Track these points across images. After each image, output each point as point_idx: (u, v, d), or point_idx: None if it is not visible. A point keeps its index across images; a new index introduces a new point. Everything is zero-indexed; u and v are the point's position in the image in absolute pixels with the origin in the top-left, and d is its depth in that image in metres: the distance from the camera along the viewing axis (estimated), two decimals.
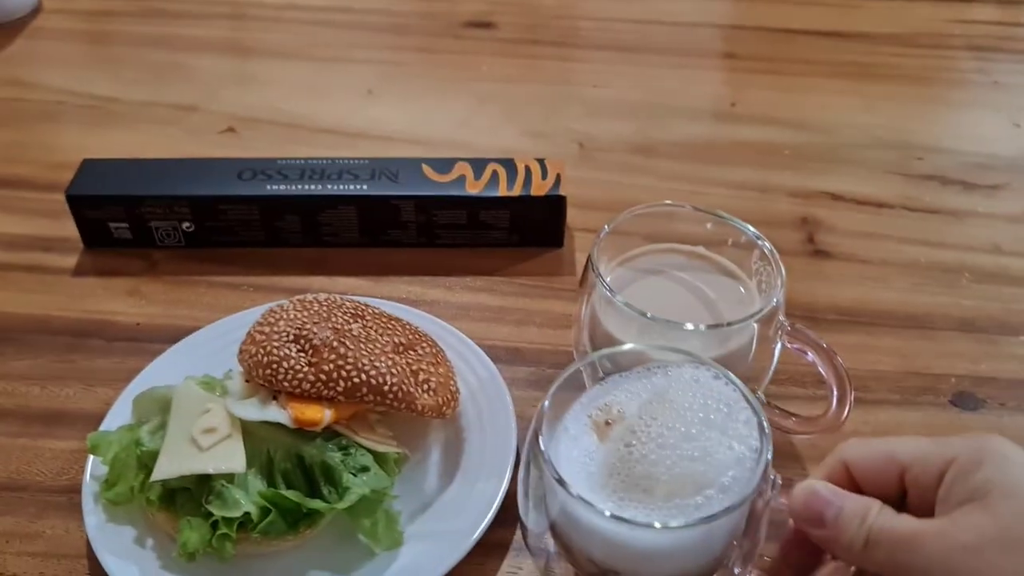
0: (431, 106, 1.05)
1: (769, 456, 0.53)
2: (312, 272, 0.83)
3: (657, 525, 0.50)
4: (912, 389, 0.74)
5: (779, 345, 0.64)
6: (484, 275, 0.83)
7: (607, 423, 0.55)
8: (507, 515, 0.63)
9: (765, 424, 0.54)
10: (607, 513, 0.50)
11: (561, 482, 0.51)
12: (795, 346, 0.64)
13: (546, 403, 0.55)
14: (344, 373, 0.61)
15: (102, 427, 0.66)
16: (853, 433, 0.69)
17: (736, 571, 0.57)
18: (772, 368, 0.65)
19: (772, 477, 0.53)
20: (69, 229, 0.85)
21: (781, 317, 0.63)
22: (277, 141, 0.98)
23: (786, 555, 0.55)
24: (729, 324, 0.62)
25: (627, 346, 0.60)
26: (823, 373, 0.62)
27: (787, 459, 0.68)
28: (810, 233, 0.88)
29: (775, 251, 0.65)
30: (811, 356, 0.63)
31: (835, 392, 0.62)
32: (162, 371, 0.70)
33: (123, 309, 0.79)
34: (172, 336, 0.75)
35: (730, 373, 0.57)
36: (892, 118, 1.04)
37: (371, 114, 1.03)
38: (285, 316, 0.64)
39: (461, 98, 1.06)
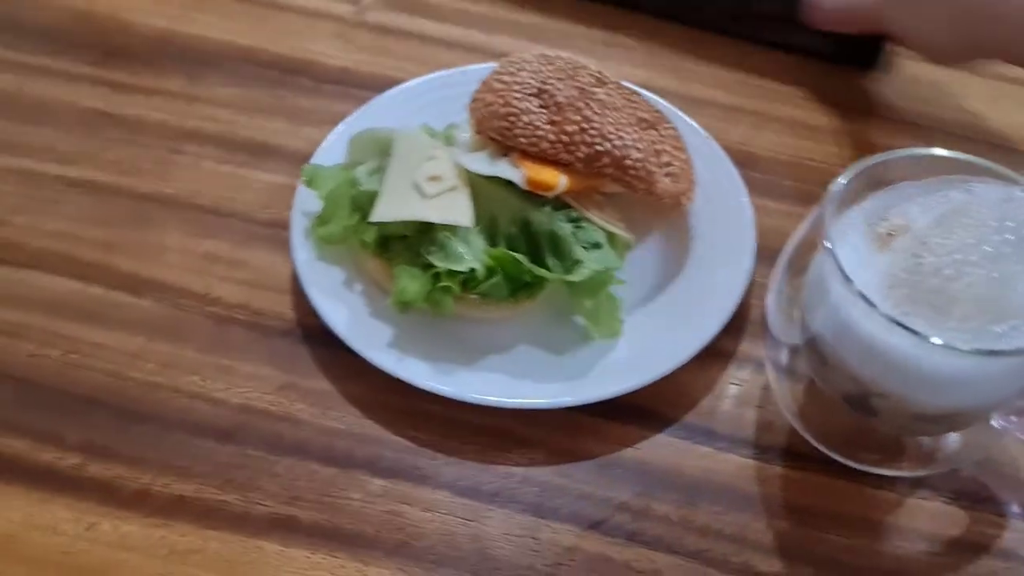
0: None
1: None
2: (531, 39, 0.75)
3: (958, 345, 0.43)
4: None
5: None
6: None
7: (889, 234, 0.48)
8: (732, 324, 0.57)
9: None
10: (889, 315, 0.44)
11: (846, 278, 0.45)
12: None
13: (832, 197, 0.48)
14: (588, 138, 0.55)
15: (314, 161, 0.62)
16: None
17: (996, 425, 0.51)
18: None
19: None
20: None
21: None
22: None
23: None
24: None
25: (915, 150, 0.51)
26: None
27: None
28: None
29: None
30: None
31: None
32: (374, 116, 0.65)
33: (331, 52, 0.74)
34: (381, 85, 0.69)
35: None
36: None
37: None
38: (528, 67, 0.57)
39: None
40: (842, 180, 0.48)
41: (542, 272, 0.54)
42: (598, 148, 0.55)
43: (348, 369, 0.55)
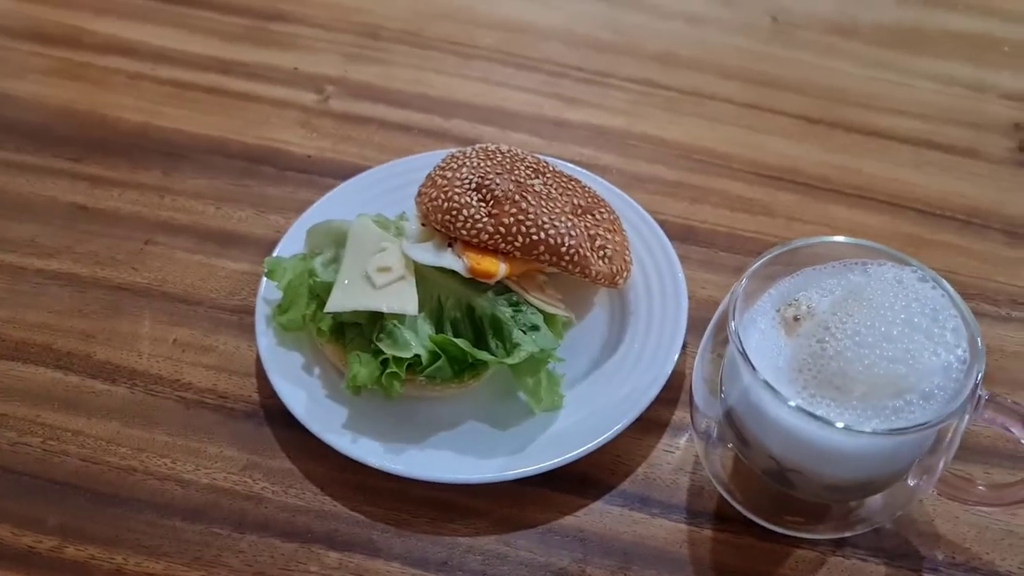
0: None
1: (981, 372, 0.49)
2: (485, 123, 0.80)
3: (859, 427, 0.48)
4: None
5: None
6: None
7: (795, 319, 0.53)
8: (667, 394, 0.62)
9: (978, 338, 0.50)
10: (793, 404, 0.48)
11: (752, 367, 0.49)
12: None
13: (740, 287, 0.52)
14: (524, 228, 0.60)
15: (275, 253, 0.67)
16: None
17: (912, 483, 0.55)
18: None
19: (980, 394, 0.49)
20: (246, 53, 0.85)
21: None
22: None
23: None
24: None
25: (821, 239, 0.55)
26: None
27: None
28: (1023, 141, 0.80)
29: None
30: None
31: None
32: (334, 205, 0.70)
33: (296, 140, 0.78)
34: (342, 172, 0.74)
35: (939, 277, 0.52)
36: None
37: None
38: (468, 163, 0.62)
39: None
40: (751, 270, 0.53)
41: (483, 355, 0.58)
42: (534, 237, 0.60)
43: (308, 448, 0.59)
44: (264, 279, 0.65)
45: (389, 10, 0.90)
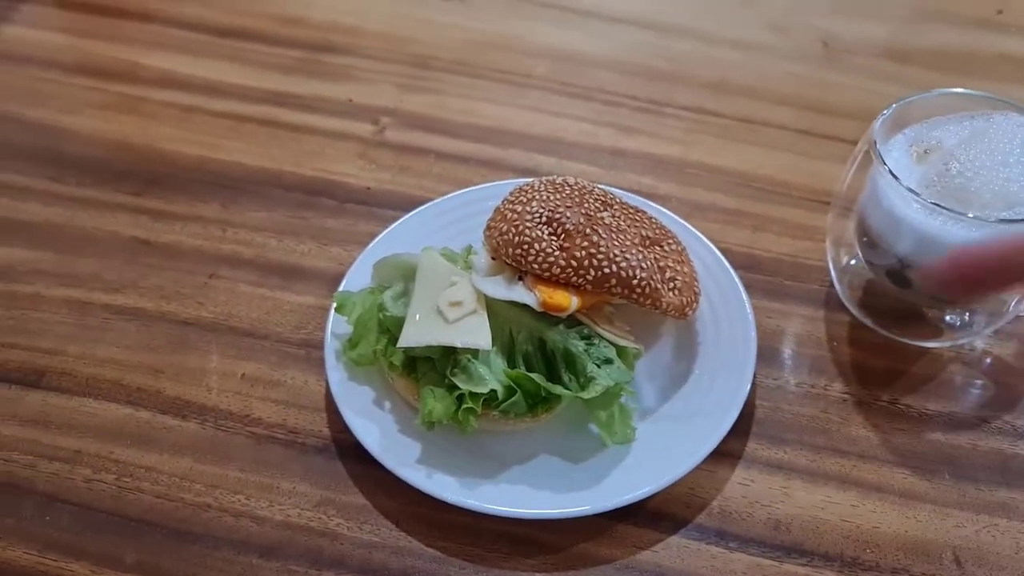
0: None
1: None
2: (542, 152, 0.80)
3: (969, 215, 0.57)
4: None
5: None
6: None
7: (926, 152, 0.62)
8: (740, 425, 0.61)
9: None
10: (925, 201, 0.57)
11: (895, 177, 0.59)
12: None
13: (878, 121, 0.62)
14: (595, 262, 0.59)
15: (342, 287, 0.67)
16: None
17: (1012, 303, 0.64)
18: None
19: None
20: (300, 85, 0.86)
21: None
22: (504, 13, 0.94)
23: None
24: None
25: (952, 90, 0.65)
26: None
27: None
28: None
29: None
30: None
31: None
32: (398, 238, 0.70)
33: (354, 172, 0.79)
34: (402, 204, 0.75)
35: None
36: None
37: None
38: (537, 196, 0.62)
39: None
40: (885, 113, 0.63)
41: (557, 390, 0.58)
42: (605, 270, 0.59)
43: (381, 484, 0.59)
44: (332, 313, 0.65)
45: (440, 40, 0.91)
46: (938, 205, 0.57)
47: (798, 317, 0.69)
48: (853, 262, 0.68)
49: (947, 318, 0.68)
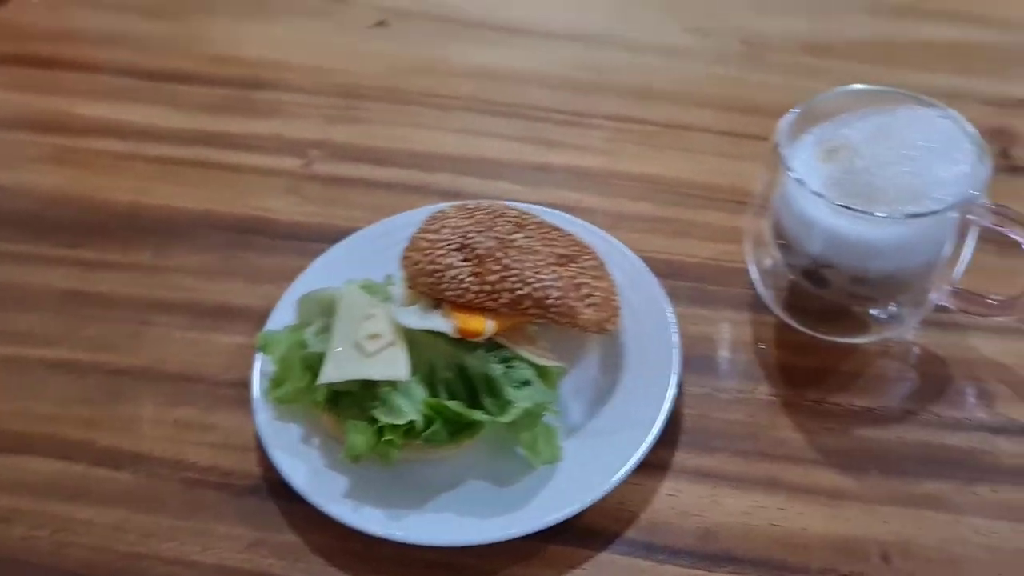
0: None
1: (985, 175, 0.58)
2: (468, 174, 0.81)
3: (880, 215, 0.58)
4: None
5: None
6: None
7: (833, 150, 0.63)
8: (667, 435, 0.62)
9: (986, 154, 0.60)
10: (831, 200, 0.58)
11: (799, 181, 0.60)
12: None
13: (784, 125, 0.63)
14: (508, 284, 0.60)
15: (268, 325, 0.67)
16: None
17: (931, 296, 0.64)
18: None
19: (983, 200, 0.58)
20: (231, 124, 0.86)
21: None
22: (428, 36, 0.95)
23: None
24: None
25: (856, 87, 0.66)
26: None
27: None
28: (1005, 147, 0.80)
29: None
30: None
31: None
32: (323, 271, 0.70)
33: (283, 207, 0.80)
34: (331, 236, 0.75)
35: (958, 115, 0.62)
36: None
37: (524, 6, 0.98)
38: (448, 223, 0.63)
39: None
40: (789, 116, 0.63)
41: (476, 415, 0.58)
42: (519, 292, 0.60)
43: (313, 521, 0.60)
44: (258, 352, 0.66)
45: (367, 68, 0.91)
46: (845, 206, 0.58)
47: (724, 322, 0.70)
48: (773, 263, 0.69)
49: (873, 313, 0.69)
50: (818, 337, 0.68)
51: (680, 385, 0.64)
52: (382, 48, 0.94)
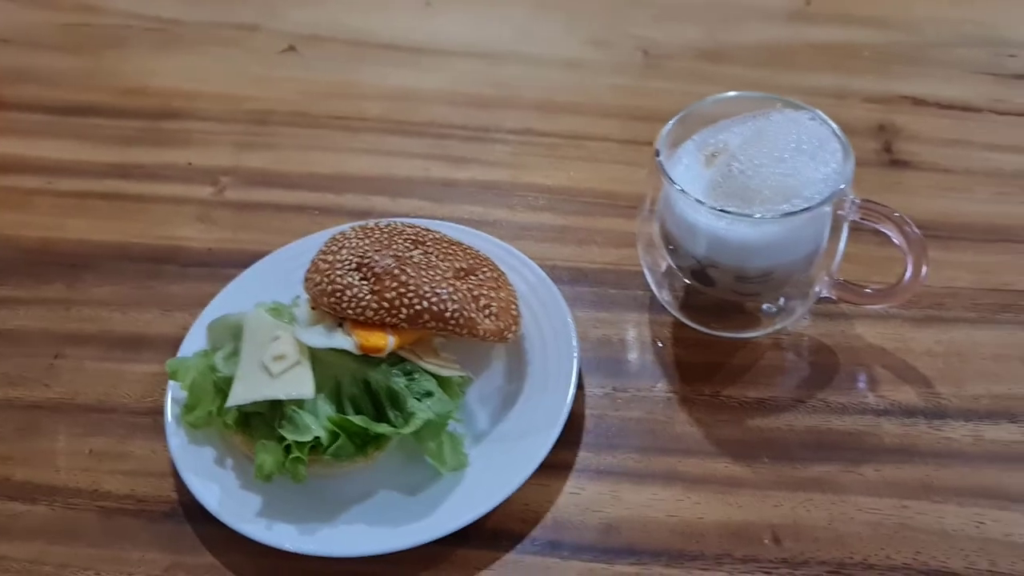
0: (490, 16, 1.02)
1: (850, 173, 0.62)
2: (376, 193, 0.83)
3: (756, 216, 0.61)
4: (990, 307, 0.71)
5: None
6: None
7: (713, 155, 0.66)
8: (569, 436, 0.64)
9: (851, 153, 0.63)
10: (710, 205, 0.61)
11: (680, 189, 0.63)
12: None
13: (664, 133, 0.66)
14: (406, 300, 0.62)
15: (180, 352, 0.69)
16: (925, 353, 0.68)
17: (815, 289, 0.68)
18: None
19: (851, 196, 0.62)
20: (142, 155, 0.87)
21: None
22: (338, 60, 0.97)
23: None
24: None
25: (731, 94, 0.69)
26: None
27: None
28: (887, 141, 0.84)
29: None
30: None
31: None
32: (234, 297, 0.72)
33: (195, 235, 0.81)
34: (242, 261, 0.76)
35: (827, 117, 0.65)
36: (983, 11, 0.97)
37: (431, 27, 1.01)
38: (347, 244, 0.65)
39: (521, 5, 1.03)
40: (669, 124, 0.67)
41: (380, 428, 0.60)
42: (417, 307, 0.62)
43: (229, 541, 0.61)
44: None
45: (278, 95, 0.93)
46: (724, 210, 0.61)
47: (624, 324, 0.73)
48: (669, 265, 0.72)
49: (764, 308, 0.72)
50: (712, 334, 0.71)
51: (582, 387, 0.66)
52: (292, 74, 0.95)
